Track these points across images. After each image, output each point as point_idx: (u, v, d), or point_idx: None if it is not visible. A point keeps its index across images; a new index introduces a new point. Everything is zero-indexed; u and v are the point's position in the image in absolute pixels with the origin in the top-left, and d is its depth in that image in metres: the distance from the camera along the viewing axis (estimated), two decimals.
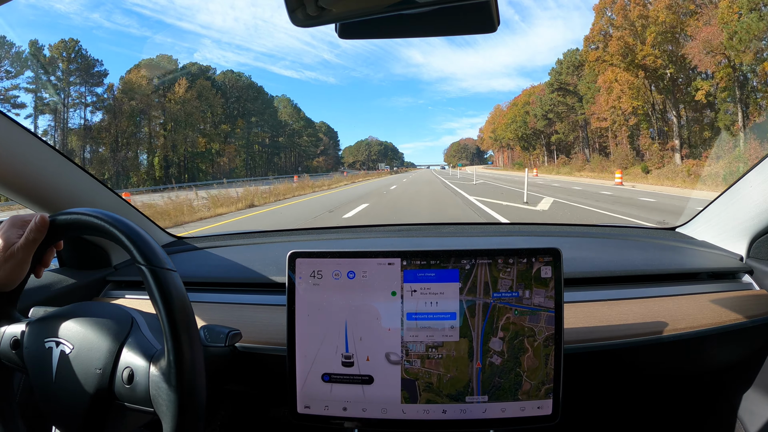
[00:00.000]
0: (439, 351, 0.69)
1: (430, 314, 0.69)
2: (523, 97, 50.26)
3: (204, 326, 0.74)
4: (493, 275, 0.69)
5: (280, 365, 0.73)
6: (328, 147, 68.13)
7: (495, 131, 58.19)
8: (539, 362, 0.69)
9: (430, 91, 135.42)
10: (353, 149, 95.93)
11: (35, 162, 0.87)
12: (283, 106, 60.62)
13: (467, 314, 0.69)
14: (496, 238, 1.33)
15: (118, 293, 1.04)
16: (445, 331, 0.69)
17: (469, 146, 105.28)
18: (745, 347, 0.91)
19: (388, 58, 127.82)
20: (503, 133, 52.20)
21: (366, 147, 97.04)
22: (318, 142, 64.80)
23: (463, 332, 0.69)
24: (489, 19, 0.46)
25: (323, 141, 67.11)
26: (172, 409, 0.53)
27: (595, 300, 0.90)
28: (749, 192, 0.96)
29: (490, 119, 68.35)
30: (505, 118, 52.41)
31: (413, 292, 0.69)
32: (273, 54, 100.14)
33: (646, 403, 1.12)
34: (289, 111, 61.59)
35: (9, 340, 0.63)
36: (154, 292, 0.54)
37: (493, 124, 62.72)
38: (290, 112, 61.54)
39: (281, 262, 0.72)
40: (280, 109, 59.03)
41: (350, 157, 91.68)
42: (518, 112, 47.86)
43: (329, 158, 67.52)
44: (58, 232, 0.62)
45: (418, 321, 0.69)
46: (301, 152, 60.60)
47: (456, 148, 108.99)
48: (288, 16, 0.43)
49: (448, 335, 0.69)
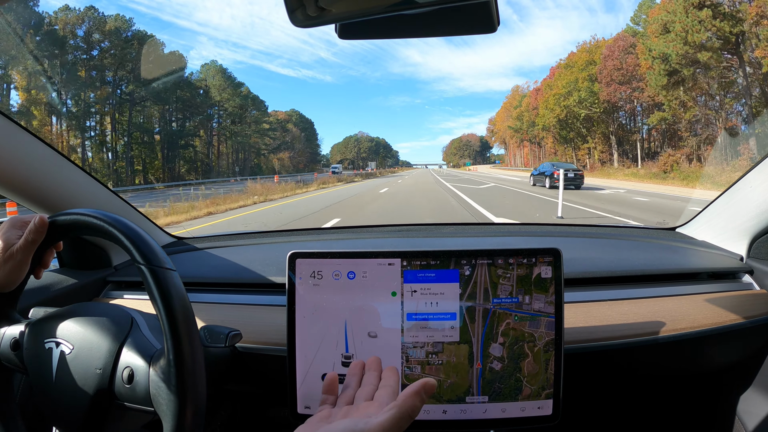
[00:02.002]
0: (439, 357, 0.69)
1: (431, 314, 0.69)
2: (580, 54, 32.46)
3: (204, 326, 0.74)
4: (493, 281, 0.69)
5: (280, 365, 0.73)
6: (298, 140, 54.41)
7: (522, 117, 44.07)
8: (539, 367, 0.69)
9: (427, 91, 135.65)
10: (341, 146, 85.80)
11: (35, 162, 0.87)
12: (212, 75, 41.09)
13: (467, 319, 0.69)
14: (496, 238, 1.33)
15: (118, 294, 1.04)
16: (446, 331, 0.69)
17: (472, 143, 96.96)
18: (745, 347, 0.91)
19: (385, 56, 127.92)
20: (547, 114, 35.33)
21: (355, 144, 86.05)
22: (274, 132, 48.76)
23: (463, 338, 0.69)
24: (489, 20, 0.46)
25: (292, 132, 53.54)
26: (172, 408, 0.53)
27: (595, 300, 0.90)
28: (749, 192, 0.96)
29: (507, 105, 55.79)
30: (555, 89, 34.06)
31: (413, 293, 0.69)
32: (270, 52, 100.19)
33: (645, 403, 1.12)
34: (219, 83, 41.03)
35: (9, 341, 0.63)
36: (154, 292, 0.54)
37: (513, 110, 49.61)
38: (220, 84, 41.09)
39: (281, 262, 0.72)
40: (207, 80, 40.49)
41: (338, 155, 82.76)
42: (580, 76, 30.94)
43: (299, 154, 54.51)
44: (58, 232, 0.62)
45: (418, 321, 0.69)
46: (245, 145, 44.50)
47: (457, 146, 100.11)
48: (288, 16, 0.43)
49: (449, 336, 0.69)
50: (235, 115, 43.38)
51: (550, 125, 35.85)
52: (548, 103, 35.80)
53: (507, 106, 57.36)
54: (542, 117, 37.26)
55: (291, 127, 56.05)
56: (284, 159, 51.35)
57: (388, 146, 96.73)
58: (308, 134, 61.45)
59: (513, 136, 52.33)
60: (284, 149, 52.60)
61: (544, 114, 36.66)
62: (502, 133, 59.19)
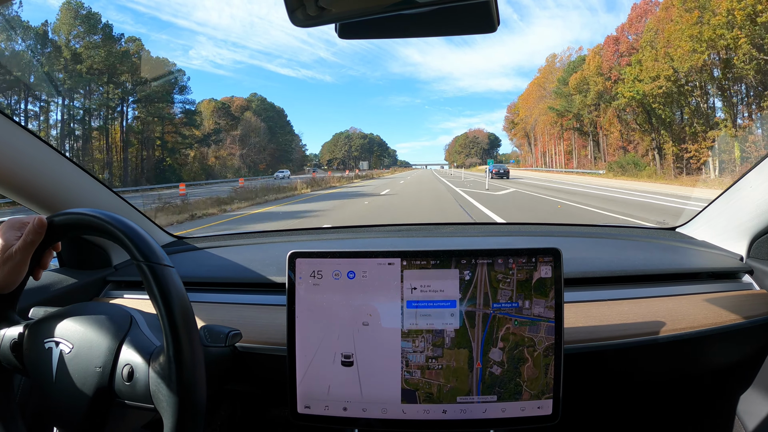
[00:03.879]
0: (438, 361, 0.69)
1: (430, 314, 0.69)
2: None
3: (204, 326, 0.74)
4: (493, 285, 0.69)
5: (280, 365, 0.73)
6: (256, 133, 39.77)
7: (579, 89, 27.16)
8: (539, 372, 0.69)
9: (427, 91, 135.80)
10: (330, 144, 75.53)
11: (35, 162, 0.87)
12: (66, 19, 25.13)
13: (467, 324, 0.69)
14: (496, 238, 1.33)
15: (118, 293, 1.04)
16: (445, 331, 0.69)
17: (479, 140, 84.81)
18: (745, 347, 0.91)
19: (385, 56, 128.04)
20: (662, 67, 19.53)
21: (345, 141, 75.04)
22: (193, 117, 32.84)
23: (463, 342, 0.69)
24: (489, 20, 0.46)
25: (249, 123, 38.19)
26: (172, 405, 0.53)
27: (595, 300, 0.90)
28: (749, 192, 0.96)
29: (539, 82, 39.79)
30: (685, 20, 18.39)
31: (413, 292, 0.69)
32: (269, 52, 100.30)
33: (645, 403, 1.12)
34: (69, 22, 25.15)
35: (8, 342, 0.63)
36: (153, 288, 0.54)
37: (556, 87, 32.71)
38: (71, 24, 25.18)
39: (281, 262, 0.72)
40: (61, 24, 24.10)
41: (327, 154, 73.10)
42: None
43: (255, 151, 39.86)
44: (57, 233, 0.62)
45: (417, 321, 0.69)
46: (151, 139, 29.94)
47: (462, 143, 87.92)
48: (288, 16, 0.43)
49: (448, 335, 0.69)
50: (119, 88, 27.46)
51: (654, 93, 19.92)
52: (677, 45, 19.01)
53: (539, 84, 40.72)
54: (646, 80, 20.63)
55: (249, 116, 39.83)
56: (227, 158, 36.57)
57: (384, 144, 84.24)
58: (276, 126, 45.70)
59: (553, 123, 35.35)
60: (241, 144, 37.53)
61: (652, 69, 20.12)
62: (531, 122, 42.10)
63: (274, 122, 46.22)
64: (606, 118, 25.51)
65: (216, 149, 36.86)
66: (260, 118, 43.16)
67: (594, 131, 28.20)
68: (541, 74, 40.96)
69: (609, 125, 25.56)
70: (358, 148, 75.23)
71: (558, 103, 33.06)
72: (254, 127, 40.47)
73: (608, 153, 27.03)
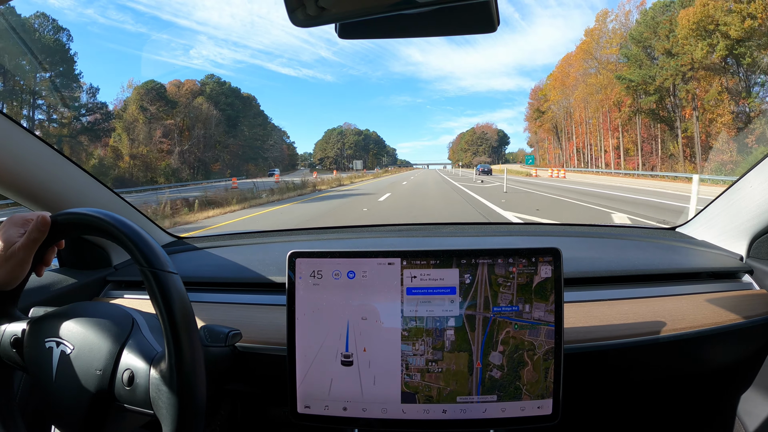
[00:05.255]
0: (438, 365, 0.69)
1: (430, 314, 0.69)
2: None
3: (204, 326, 0.74)
4: (494, 289, 0.69)
5: (280, 365, 0.73)
6: (202, 124, 29.98)
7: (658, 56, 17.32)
8: (539, 375, 0.69)
9: (428, 90, 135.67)
10: (321, 142, 68.09)
11: (36, 162, 0.87)
12: None
13: (467, 327, 0.69)
14: (496, 238, 1.33)
15: (118, 293, 1.04)
16: (445, 331, 0.69)
17: (488, 136, 73.49)
18: (745, 347, 0.91)
19: (386, 56, 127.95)
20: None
21: (338, 138, 66.21)
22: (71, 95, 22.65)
23: (463, 346, 0.69)
24: (489, 19, 0.46)
25: (198, 110, 28.70)
26: (171, 413, 0.53)
27: (595, 300, 0.90)
28: (749, 192, 0.96)
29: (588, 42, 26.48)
30: None
31: (413, 292, 0.69)
32: (270, 51, 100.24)
33: (645, 403, 1.12)
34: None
35: (9, 338, 0.63)
36: (156, 295, 0.54)
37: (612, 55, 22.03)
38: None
39: (281, 262, 0.72)
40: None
41: (319, 153, 66.93)
42: None
43: (200, 149, 30.22)
44: (60, 231, 0.62)
45: (417, 320, 0.69)
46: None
47: (469, 140, 75.66)
48: (288, 16, 0.43)
49: (448, 338, 0.69)
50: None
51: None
52: None
53: (585, 51, 27.80)
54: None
55: (200, 101, 29.78)
56: (156, 156, 26.48)
57: (381, 141, 74.25)
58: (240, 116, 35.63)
59: (612, 106, 23.98)
60: (180, 138, 27.86)
61: None
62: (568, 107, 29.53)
63: (238, 111, 35.49)
64: (712, 93, 14.56)
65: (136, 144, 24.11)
66: (217, 105, 32.78)
67: (680, 116, 16.84)
68: (588, 38, 28.38)
69: (715, 104, 14.58)
70: (351, 146, 66.46)
71: (633, 72, 21.01)
72: (203, 117, 30.09)
73: (705, 148, 16.12)
